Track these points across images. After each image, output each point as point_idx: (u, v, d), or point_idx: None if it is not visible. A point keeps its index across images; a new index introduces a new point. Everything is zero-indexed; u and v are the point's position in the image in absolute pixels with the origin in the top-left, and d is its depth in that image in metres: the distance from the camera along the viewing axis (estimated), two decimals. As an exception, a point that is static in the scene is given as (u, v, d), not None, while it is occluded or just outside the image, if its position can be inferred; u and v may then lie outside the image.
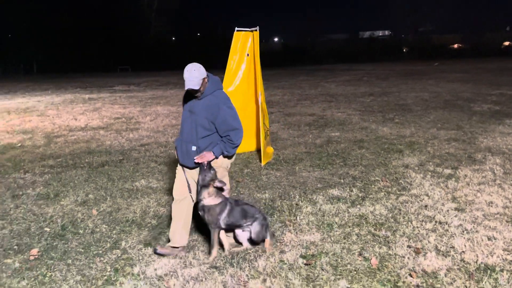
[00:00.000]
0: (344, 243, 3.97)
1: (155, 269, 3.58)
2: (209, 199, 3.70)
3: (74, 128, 10.77)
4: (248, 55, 7.27)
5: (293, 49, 61.30)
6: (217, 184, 3.69)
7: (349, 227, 4.33)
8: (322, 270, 3.48)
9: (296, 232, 4.24)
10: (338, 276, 3.37)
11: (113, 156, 7.72)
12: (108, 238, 4.30)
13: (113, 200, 5.39)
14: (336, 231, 4.25)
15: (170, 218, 3.99)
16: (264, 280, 3.34)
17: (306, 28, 65.96)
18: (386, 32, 75.05)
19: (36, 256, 3.89)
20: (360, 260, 3.63)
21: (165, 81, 28.26)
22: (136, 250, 4.00)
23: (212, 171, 3.68)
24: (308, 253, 3.78)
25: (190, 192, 3.87)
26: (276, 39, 75.43)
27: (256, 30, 7.10)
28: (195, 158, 3.72)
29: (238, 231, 3.90)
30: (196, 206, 3.82)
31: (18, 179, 6.38)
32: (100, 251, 4.00)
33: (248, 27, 7.23)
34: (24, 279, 3.49)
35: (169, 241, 3.94)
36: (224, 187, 3.75)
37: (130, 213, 4.96)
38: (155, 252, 3.85)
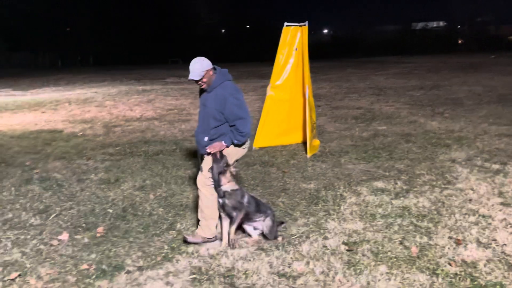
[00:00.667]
0: (386, 232, 4.14)
1: (207, 249, 3.91)
2: (228, 184, 3.89)
3: (130, 119, 11.38)
4: (296, 49, 7.46)
5: (342, 40, 60.48)
6: (233, 170, 3.94)
7: (392, 217, 4.49)
8: (363, 256, 3.68)
9: (340, 221, 4.44)
10: (378, 262, 3.56)
11: (167, 145, 8.17)
12: (164, 220, 4.67)
13: (168, 186, 5.79)
14: (379, 221, 4.42)
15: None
16: (308, 263, 3.58)
17: (356, 19, 64.89)
18: (441, 23, 72.28)
19: (102, 234, 4.33)
20: (401, 249, 3.79)
21: (214, 73, 28.81)
22: (190, 231, 4.34)
23: (224, 159, 3.90)
24: (350, 240, 3.99)
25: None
26: (325, 31, 74.50)
27: (305, 25, 7.28)
28: (207, 148, 3.97)
29: (247, 225, 4.07)
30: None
31: (82, 165, 6.93)
32: (158, 232, 4.38)
33: (297, 19, 7.43)
34: (93, 252, 3.91)
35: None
36: (236, 169, 4.03)
37: (184, 198, 5.33)
38: (185, 241, 4.03)
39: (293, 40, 7.43)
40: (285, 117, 7.70)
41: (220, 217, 4.04)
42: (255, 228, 4.08)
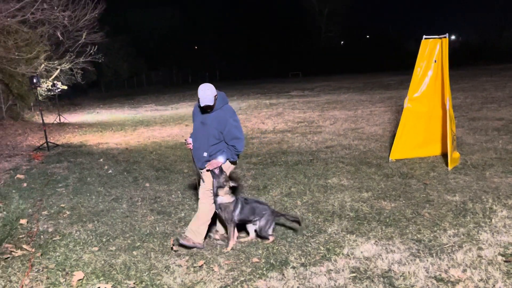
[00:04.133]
0: (546, 246, 4.06)
1: (361, 252, 4.22)
2: (224, 197, 4.44)
3: (264, 131, 12.16)
4: (435, 61, 7.46)
5: (472, 47, 56.52)
6: (232, 184, 4.47)
7: (551, 232, 4.36)
8: (523, 268, 3.69)
9: (493, 233, 4.44)
10: (541, 275, 3.55)
11: (304, 156, 8.65)
12: (314, 224, 5.09)
13: (312, 194, 6.23)
14: (536, 235, 4.33)
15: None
16: (464, 270, 3.71)
17: (488, 23, 59.98)
18: None
19: (263, 233, 4.88)
20: None
21: (337, 85, 29.07)
22: (341, 235, 4.70)
23: (223, 174, 4.41)
24: (507, 252, 4.00)
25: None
26: (452, 37, 70.05)
27: (445, 37, 7.26)
28: (206, 165, 4.43)
29: (248, 226, 4.69)
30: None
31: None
32: (311, 234, 4.80)
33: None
34: (259, 249, 4.47)
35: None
36: (234, 184, 4.54)
37: (329, 205, 5.71)
38: (179, 243, 4.52)
39: (432, 52, 7.44)
40: (423, 129, 7.72)
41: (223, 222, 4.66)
42: (253, 225, 4.68)
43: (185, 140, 4.73)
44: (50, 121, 17.67)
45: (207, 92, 4.26)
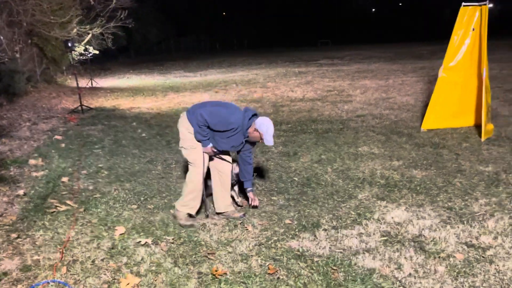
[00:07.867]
0: None
1: (392, 217, 4.30)
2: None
3: (294, 99, 12.16)
4: (473, 29, 7.26)
5: (510, 15, 54.15)
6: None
7: None
8: (556, 237, 3.71)
9: (525, 203, 4.45)
10: None
11: (334, 124, 8.66)
12: (345, 190, 5.18)
13: (342, 161, 6.29)
14: None
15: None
16: (495, 237, 3.75)
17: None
18: None
19: (293, 197, 5.01)
20: None
21: (367, 54, 28.53)
22: (371, 201, 4.78)
23: None
24: (539, 222, 4.01)
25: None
26: (490, 5, 67.17)
27: (485, 4, 7.05)
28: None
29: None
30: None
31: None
32: (341, 200, 4.90)
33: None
34: (291, 211, 4.60)
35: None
36: None
37: (359, 172, 5.77)
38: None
39: (470, 20, 7.24)
40: (456, 100, 7.60)
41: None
42: None
43: (212, 150, 4.26)
44: (83, 85, 18.04)
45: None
